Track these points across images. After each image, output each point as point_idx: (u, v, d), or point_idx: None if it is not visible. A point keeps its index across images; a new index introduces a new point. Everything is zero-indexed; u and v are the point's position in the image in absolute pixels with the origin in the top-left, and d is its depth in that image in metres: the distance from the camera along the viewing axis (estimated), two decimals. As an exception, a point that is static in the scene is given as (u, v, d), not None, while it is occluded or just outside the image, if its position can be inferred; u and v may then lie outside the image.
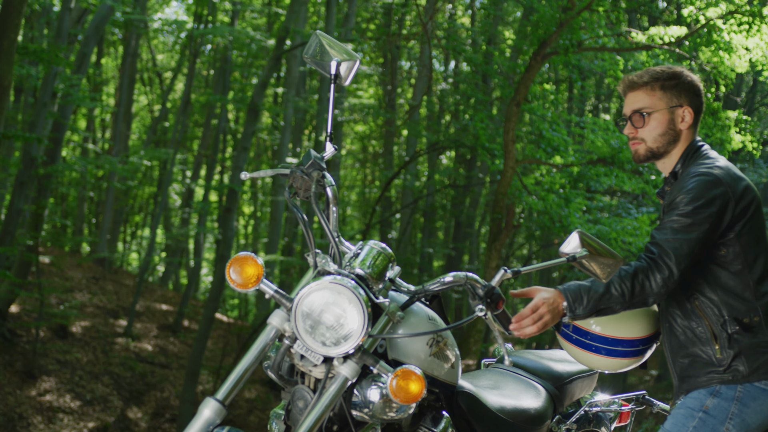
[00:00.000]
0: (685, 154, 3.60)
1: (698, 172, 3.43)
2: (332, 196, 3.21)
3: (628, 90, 3.64)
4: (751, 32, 13.23)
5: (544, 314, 3.24)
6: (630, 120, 3.61)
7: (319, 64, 3.43)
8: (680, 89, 3.61)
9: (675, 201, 3.40)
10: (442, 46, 19.49)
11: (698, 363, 3.47)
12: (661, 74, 3.61)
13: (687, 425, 3.44)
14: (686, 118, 3.60)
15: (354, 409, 3.00)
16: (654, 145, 3.59)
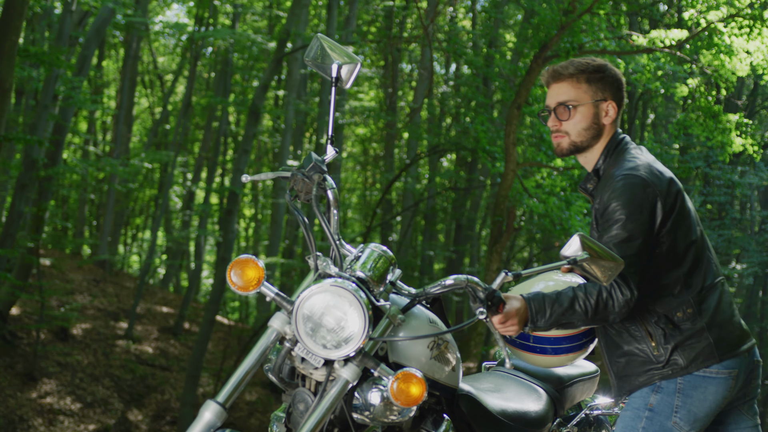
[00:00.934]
0: (607, 149, 3.57)
1: (623, 175, 3.39)
2: (333, 198, 3.21)
3: (553, 81, 3.59)
4: (752, 35, 13.23)
5: (515, 323, 3.23)
6: (554, 112, 3.56)
7: (320, 67, 3.43)
8: (605, 83, 3.57)
9: (608, 210, 3.37)
10: (443, 49, 19.48)
11: (636, 362, 3.48)
12: (586, 67, 3.56)
13: (636, 426, 3.46)
14: (610, 113, 3.57)
15: (355, 412, 3.00)
16: (578, 139, 3.55)
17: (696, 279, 3.45)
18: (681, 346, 3.42)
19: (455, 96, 23.14)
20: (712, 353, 3.43)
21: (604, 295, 3.29)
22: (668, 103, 27.80)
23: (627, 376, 3.51)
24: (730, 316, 3.50)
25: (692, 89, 15.49)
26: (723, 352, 3.45)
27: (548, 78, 3.60)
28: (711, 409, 3.46)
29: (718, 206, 26.39)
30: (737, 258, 29.42)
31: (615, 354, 3.53)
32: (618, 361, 3.53)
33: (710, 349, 3.43)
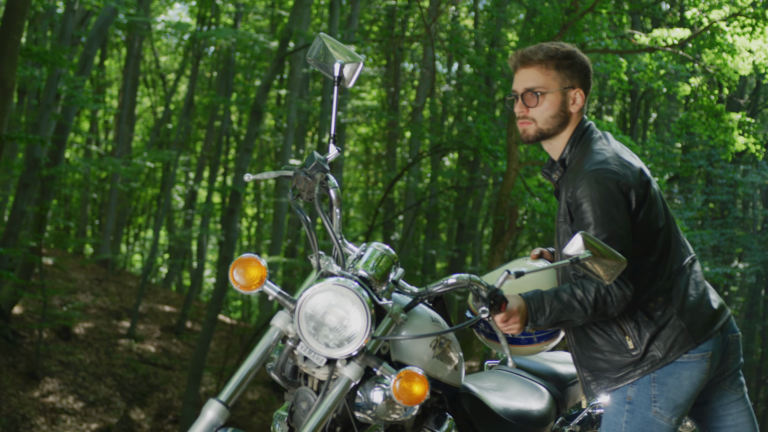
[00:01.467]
0: (573, 138, 3.52)
1: (593, 171, 3.33)
2: (335, 197, 3.21)
3: (521, 65, 3.52)
4: (754, 34, 13.21)
5: (517, 322, 3.22)
6: (522, 98, 3.50)
7: (322, 66, 3.44)
8: (574, 70, 3.51)
9: (582, 208, 3.32)
10: (446, 48, 19.48)
11: (610, 360, 3.45)
12: (555, 53, 3.49)
13: (619, 422, 3.46)
14: (577, 101, 3.52)
15: (357, 411, 3.01)
16: (544, 126, 3.50)
17: (666, 265, 3.42)
18: (656, 337, 3.40)
19: (457, 95, 23.13)
20: (688, 339, 3.42)
21: (602, 291, 3.27)
22: (670, 102, 27.79)
23: (600, 375, 3.48)
24: (701, 296, 3.47)
25: (694, 88, 15.48)
26: (697, 335, 3.44)
27: (516, 62, 3.53)
28: (689, 393, 3.45)
29: (720, 205, 26.37)
30: (740, 257, 29.39)
31: (586, 351, 3.50)
32: (590, 359, 3.49)
33: (684, 336, 3.41)
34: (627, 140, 15.49)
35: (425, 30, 15.45)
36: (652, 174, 17.03)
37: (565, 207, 3.43)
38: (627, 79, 15.98)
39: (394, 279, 3.08)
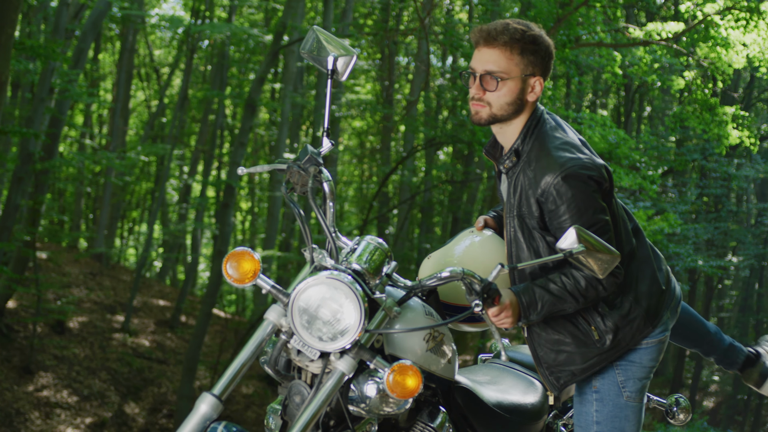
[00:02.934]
0: (527, 127, 3.38)
1: (568, 169, 3.23)
2: (329, 191, 3.21)
3: (484, 44, 3.33)
4: (748, 28, 13.23)
5: (509, 315, 3.20)
6: (480, 79, 3.33)
7: (316, 60, 3.43)
8: (537, 56, 3.35)
9: (560, 210, 3.24)
10: (440, 42, 19.47)
11: (576, 353, 3.43)
12: (522, 36, 3.31)
13: (589, 411, 3.49)
14: (536, 89, 3.37)
15: (351, 404, 3.00)
16: (499, 112, 3.34)
17: (620, 251, 3.37)
18: (619, 326, 3.40)
19: (452, 89, 23.11)
20: (646, 324, 3.44)
21: (594, 281, 3.27)
22: (665, 95, 27.78)
23: (562, 369, 3.47)
24: (651, 279, 3.47)
25: (689, 82, 15.49)
26: (653, 318, 3.46)
27: (479, 38, 3.34)
28: (651, 371, 3.51)
29: (714, 199, 26.41)
30: (733, 250, 29.45)
31: (547, 346, 3.46)
32: (551, 354, 3.46)
33: (643, 321, 3.43)
34: (621, 134, 15.50)
35: (419, 23, 15.45)
36: (647, 168, 17.08)
37: (529, 201, 3.31)
38: (621, 73, 15.99)
39: (388, 272, 3.08)
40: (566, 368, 3.46)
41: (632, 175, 15.76)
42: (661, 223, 16.80)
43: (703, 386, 31.34)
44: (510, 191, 3.40)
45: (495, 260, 3.46)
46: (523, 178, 3.34)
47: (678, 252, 21.49)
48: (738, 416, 29.22)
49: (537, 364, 3.51)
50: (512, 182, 3.39)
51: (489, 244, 3.55)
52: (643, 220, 16.09)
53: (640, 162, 17.18)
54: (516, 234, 3.39)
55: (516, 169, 3.38)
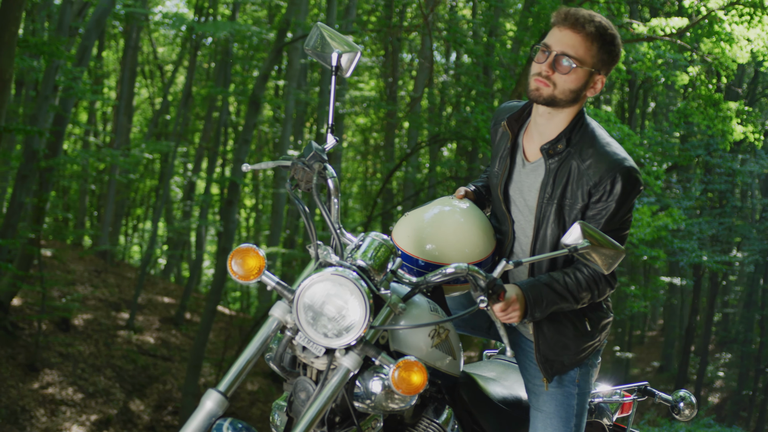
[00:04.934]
0: (576, 119, 3.41)
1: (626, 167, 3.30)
2: (334, 187, 3.20)
3: (569, 27, 3.32)
4: (752, 23, 13.20)
5: (516, 309, 3.21)
6: (555, 58, 3.31)
7: (320, 56, 3.42)
8: (610, 56, 3.37)
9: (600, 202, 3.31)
10: (444, 38, 19.46)
11: (572, 341, 3.48)
12: (605, 32, 3.33)
13: (571, 404, 3.54)
14: (597, 87, 3.39)
15: (356, 401, 3.00)
16: (560, 95, 3.33)
17: None
18: (603, 322, 3.54)
19: (456, 85, 23.12)
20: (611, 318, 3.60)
21: (593, 288, 3.34)
22: (669, 91, 27.77)
23: (557, 357, 3.50)
24: None
25: (693, 77, 15.47)
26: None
27: (565, 20, 3.33)
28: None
29: (718, 194, 26.41)
30: (738, 246, 29.44)
31: (548, 331, 3.47)
32: (550, 339, 3.48)
33: (610, 324, 3.60)
34: (626, 130, 15.48)
35: (423, 20, 15.42)
36: (652, 163, 17.07)
37: (580, 190, 3.34)
38: (625, 69, 15.95)
39: (393, 269, 3.07)
40: (560, 358, 3.49)
41: (636, 171, 15.72)
42: (665, 218, 16.80)
43: (708, 382, 31.33)
44: (549, 177, 3.40)
45: (471, 231, 3.46)
46: (574, 167, 3.36)
47: (683, 247, 21.50)
48: (743, 412, 29.21)
49: (536, 351, 3.50)
50: (556, 168, 3.39)
51: (467, 215, 3.51)
52: (648, 215, 16.10)
53: (645, 158, 17.18)
54: (548, 220, 3.42)
55: (562, 155, 3.38)
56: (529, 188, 3.48)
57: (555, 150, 3.38)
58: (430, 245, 3.39)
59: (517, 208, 3.53)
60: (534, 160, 3.48)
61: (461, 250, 3.39)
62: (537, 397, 3.54)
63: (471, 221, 3.49)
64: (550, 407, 3.52)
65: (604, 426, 4.26)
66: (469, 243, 3.42)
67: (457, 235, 3.42)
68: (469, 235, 3.44)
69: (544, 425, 3.50)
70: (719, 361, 33.49)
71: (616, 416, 4.37)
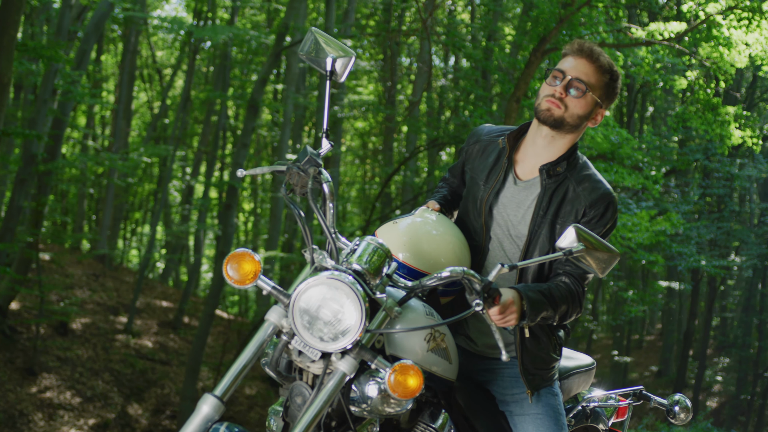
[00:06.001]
0: (572, 150, 3.61)
1: (613, 197, 3.56)
2: (329, 192, 3.21)
3: (585, 57, 3.57)
4: (750, 27, 13.22)
5: (513, 312, 3.22)
6: (569, 82, 3.53)
7: (314, 61, 3.44)
8: (614, 91, 3.63)
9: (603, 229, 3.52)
10: (442, 42, 19.47)
11: (547, 356, 3.64)
12: (612, 69, 3.59)
13: (557, 402, 3.67)
14: (597, 119, 3.62)
15: (352, 405, 3.00)
16: (569, 119, 3.54)
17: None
18: (563, 344, 3.73)
19: (454, 89, 23.14)
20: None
21: (575, 304, 3.46)
22: (667, 95, 27.78)
23: (536, 370, 3.60)
24: None
25: (691, 82, 15.49)
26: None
27: (581, 51, 3.58)
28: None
29: (717, 199, 26.41)
30: (736, 250, 29.45)
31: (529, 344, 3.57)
32: (530, 351, 3.58)
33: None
34: (624, 134, 15.50)
35: (422, 24, 15.44)
36: (650, 168, 17.08)
37: (574, 209, 3.54)
38: (624, 73, 15.96)
39: (388, 273, 3.07)
40: (540, 372, 3.60)
41: (635, 175, 15.76)
42: (664, 223, 16.80)
43: (707, 386, 31.33)
44: (545, 196, 3.57)
45: (451, 241, 3.51)
46: (570, 189, 3.56)
47: (681, 252, 21.50)
48: (741, 416, 29.21)
49: (519, 363, 3.57)
50: (553, 189, 3.57)
51: (444, 226, 3.55)
52: (646, 220, 16.10)
53: (643, 162, 17.19)
54: (539, 236, 3.56)
55: (560, 177, 3.58)
56: (518, 205, 3.62)
57: (554, 171, 3.57)
58: (409, 254, 3.41)
59: (497, 223, 3.65)
60: (527, 179, 3.64)
61: (437, 260, 3.41)
62: (520, 403, 3.60)
63: (450, 232, 3.54)
64: (538, 408, 3.58)
65: (599, 431, 4.27)
66: (447, 253, 3.46)
67: (437, 244, 3.46)
68: (450, 246, 3.48)
69: (536, 426, 3.53)
70: (717, 365, 33.49)
71: (612, 421, 4.38)
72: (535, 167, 3.62)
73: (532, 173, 3.63)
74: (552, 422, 3.56)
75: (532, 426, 3.53)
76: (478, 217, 3.66)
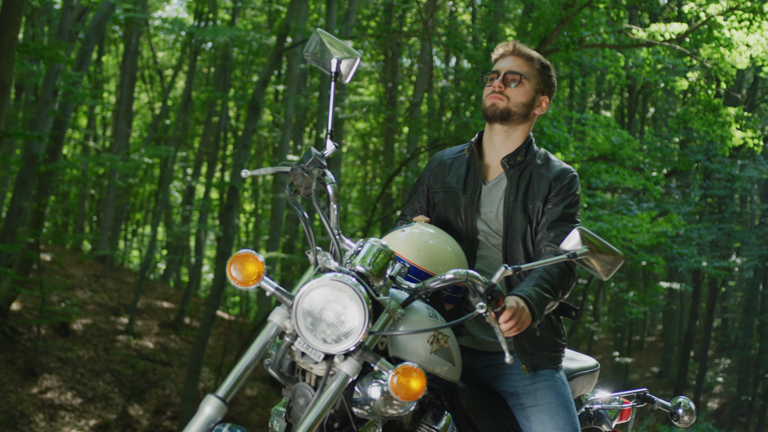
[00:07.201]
0: (527, 143, 3.80)
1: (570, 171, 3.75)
2: (333, 193, 3.20)
3: (511, 54, 3.81)
4: (751, 28, 13.23)
5: (524, 319, 3.23)
6: (503, 77, 3.75)
7: (319, 62, 3.44)
8: (549, 81, 3.85)
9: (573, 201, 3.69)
10: (443, 43, 19.47)
11: (549, 338, 3.70)
12: (540, 60, 3.83)
13: (567, 392, 3.69)
14: (542, 106, 3.83)
15: (355, 407, 3.00)
16: (514, 108, 3.74)
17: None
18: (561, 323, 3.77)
19: (455, 90, 23.10)
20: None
21: (569, 282, 3.53)
22: (668, 96, 27.78)
23: (537, 350, 3.65)
24: None
25: (692, 83, 15.49)
26: None
27: (507, 50, 3.82)
28: None
29: (718, 200, 26.41)
30: (737, 251, 29.44)
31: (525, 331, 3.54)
32: (528, 336, 3.61)
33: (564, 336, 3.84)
34: (625, 135, 15.49)
35: (423, 25, 15.45)
36: (651, 169, 17.07)
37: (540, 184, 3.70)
38: (625, 74, 15.97)
39: (392, 275, 3.07)
40: (541, 351, 3.64)
41: (636, 176, 15.76)
42: (665, 224, 16.81)
43: (708, 387, 31.32)
44: (512, 184, 3.72)
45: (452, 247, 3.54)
46: (534, 171, 3.74)
47: (682, 253, 21.49)
48: (742, 417, 29.19)
49: (514, 341, 3.62)
50: (517, 174, 3.74)
51: (442, 235, 3.58)
52: (647, 221, 16.10)
53: (644, 163, 17.19)
54: (515, 216, 3.68)
55: (521, 165, 3.75)
56: (491, 202, 3.75)
57: (515, 161, 3.77)
58: (414, 256, 3.43)
59: (481, 226, 3.75)
60: (493, 178, 3.80)
61: (443, 262, 3.44)
62: (533, 394, 3.62)
63: (450, 240, 3.57)
64: (550, 398, 3.60)
65: (603, 432, 4.27)
66: (451, 256, 3.49)
67: (441, 250, 3.49)
68: (451, 251, 3.51)
69: (551, 415, 3.54)
70: (718, 366, 33.48)
71: (615, 423, 4.37)
72: (498, 165, 3.80)
73: (498, 170, 3.80)
74: (564, 411, 3.60)
75: (547, 415, 3.55)
76: (465, 224, 3.75)
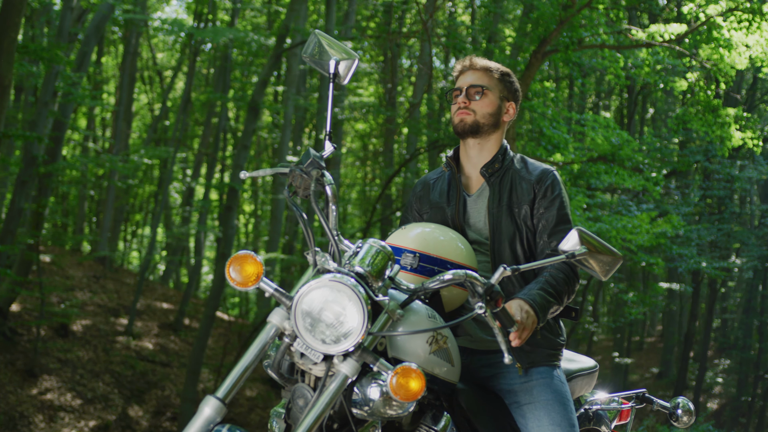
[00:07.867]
0: (503, 151, 3.86)
1: (550, 171, 3.80)
2: (331, 194, 3.20)
3: (468, 69, 3.87)
4: (751, 29, 13.23)
5: (533, 322, 3.31)
6: (466, 92, 3.81)
7: (317, 63, 3.44)
8: (511, 87, 3.90)
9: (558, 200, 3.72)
10: (443, 44, 19.48)
11: (547, 336, 3.70)
12: (498, 68, 3.89)
13: (564, 389, 3.69)
14: (510, 112, 3.88)
15: (354, 407, 3.00)
16: (482, 120, 3.81)
17: None
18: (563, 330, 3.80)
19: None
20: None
21: (573, 285, 3.56)
22: (667, 97, 27.78)
23: (535, 347, 3.66)
24: None
25: (691, 83, 15.49)
26: None
27: (463, 66, 3.89)
28: None
29: (717, 200, 26.41)
30: (737, 252, 29.44)
31: None
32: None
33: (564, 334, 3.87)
34: (624, 135, 15.49)
35: (422, 26, 15.44)
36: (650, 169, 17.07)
37: (522, 188, 3.74)
38: (624, 75, 15.97)
39: (391, 275, 3.07)
40: (538, 349, 3.66)
41: (635, 177, 15.76)
42: (664, 224, 16.80)
43: (707, 388, 31.33)
44: (494, 191, 3.78)
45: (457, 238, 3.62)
46: (514, 175, 3.80)
47: (681, 254, 21.50)
48: (742, 418, 29.20)
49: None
50: (498, 181, 3.80)
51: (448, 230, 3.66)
52: (647, 222, 16.10)
53: (643, 164, 17.20)
54: (500, 220, 3.72)
55: (500, 172, 3.82)
56: (478, 213, 3.80)
57: (493, 168, 3.82)
58: (424, 246, 3.51)
59: (472, 240, 3.77)
60: (475, 189, 3.87)
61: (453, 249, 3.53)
62: (529, 391, 3.62)
63: (458, 237, 3.64)
64: (547, 395, 3.61)
65: (602, 433, 4.26)
66: (461, 247, 3.57)
67: (450, 240, 3.57)
68: (460, 244, 3.59)
69: (547, 411, 3.54)
70: (718, 367, 33.48)
71: (614, 423, 4.37)
72: (479, 176, 3.86)
73: (479, 181, 3.86)
74: (561, 407, 3.60)
75: (543, 412, 3.55)
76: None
